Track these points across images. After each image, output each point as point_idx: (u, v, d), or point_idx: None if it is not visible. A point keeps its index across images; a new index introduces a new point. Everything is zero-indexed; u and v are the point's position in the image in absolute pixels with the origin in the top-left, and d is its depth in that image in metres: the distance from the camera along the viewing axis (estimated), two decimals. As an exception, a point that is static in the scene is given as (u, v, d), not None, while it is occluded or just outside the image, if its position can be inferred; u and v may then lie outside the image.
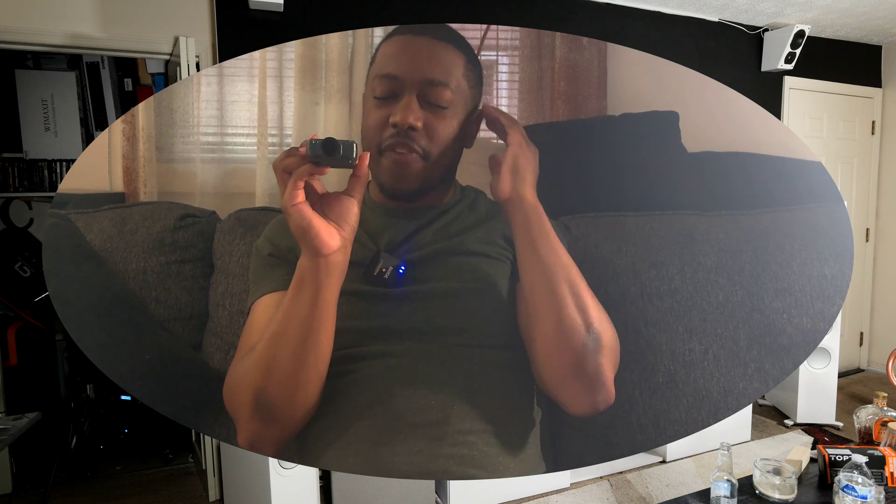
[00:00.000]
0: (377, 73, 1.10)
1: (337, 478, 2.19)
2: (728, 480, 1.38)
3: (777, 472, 1.46)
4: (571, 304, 1.03)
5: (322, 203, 0.97)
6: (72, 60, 3.24)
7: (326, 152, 0.93)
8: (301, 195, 0.94)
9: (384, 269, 1.09)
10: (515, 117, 1.27)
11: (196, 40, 2.38)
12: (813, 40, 3.68)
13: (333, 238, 0.97)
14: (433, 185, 1.12)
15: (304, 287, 0.99)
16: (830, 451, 1.52)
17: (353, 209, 0.98)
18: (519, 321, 1.09)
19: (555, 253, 1.04)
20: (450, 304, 1.10)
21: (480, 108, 1.15)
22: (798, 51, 3.46)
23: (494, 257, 1.12)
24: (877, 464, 1.47)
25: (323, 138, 0.93)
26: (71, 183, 1.26)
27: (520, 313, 1.09)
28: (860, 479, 1.31)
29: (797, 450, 1.67)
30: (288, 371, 1.01)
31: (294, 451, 1.08)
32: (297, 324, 1.00)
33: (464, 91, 1.11)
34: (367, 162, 0.97)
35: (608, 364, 1.05)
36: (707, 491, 1.45)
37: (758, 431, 3.10)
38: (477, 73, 1.14)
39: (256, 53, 1.23)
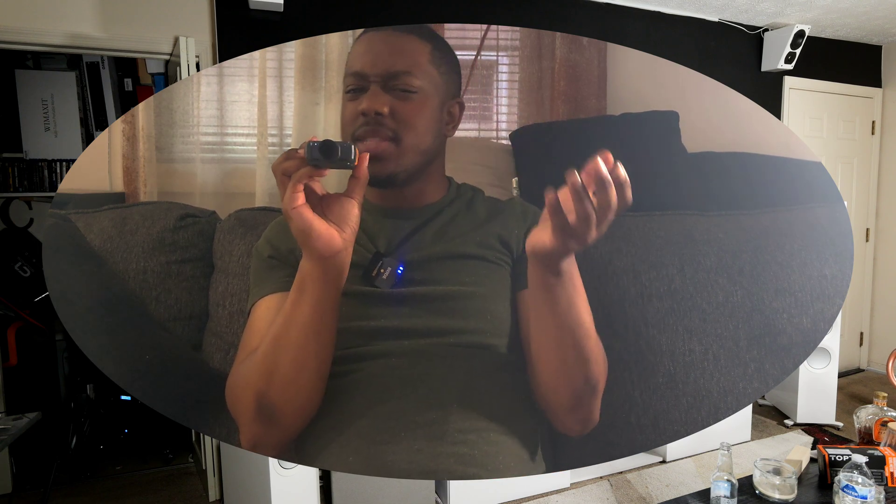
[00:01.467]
0: (347, 72, 1.14)
1: (337, 478, 2.19)
2: (728, 480, 1.38)
3: (777, 472, 1.46)
4: (575, 358, 1.03)
5: (322, 205, 0.97)
6: (72, 60, 3.24)
7: (324, 155, 0.92)
8: (301, 198, 0.93)
9: (383, 270, 1.09)
10: (516, 116, 1.27)
11: (196, 40, 2.38)
12: (813, 40, 3.68)
13: (335, 240, 0.96)
14: (415, 173, 1.12)
15: (305, 290, 0.98)
16: (830, 451, 1.52)
17: (353, 211, 0.98)
18: (521, 335, 1.10)
19: (576, 310, 1.01)
20: (449, 305, 1.10)
21: (460, 98, 1.16)
22: (798, 51, 3.46)
23: (492, 261, 1.12)
24: (877, 464, 1.47)
25: (320, 141, 0.92)
26: (71, 183, 1.26)
27: (522, 335, 1.10)
28: (860, 479, 1.31)
29: (797, 450, 1.67)
30: (290, 374, 1.01)
31: (293, 451, 1.08)
32: (299, 327, 0.99)
33: (433, 77, 1.12)
34: (366, 163, 0.97)
35: (598, 402, 1.08)
36: (707, 491, 1.45)
37: (758, 431, 3.10)
38: (448, 60, 1.15)
39: (256, 53, 1.23)
